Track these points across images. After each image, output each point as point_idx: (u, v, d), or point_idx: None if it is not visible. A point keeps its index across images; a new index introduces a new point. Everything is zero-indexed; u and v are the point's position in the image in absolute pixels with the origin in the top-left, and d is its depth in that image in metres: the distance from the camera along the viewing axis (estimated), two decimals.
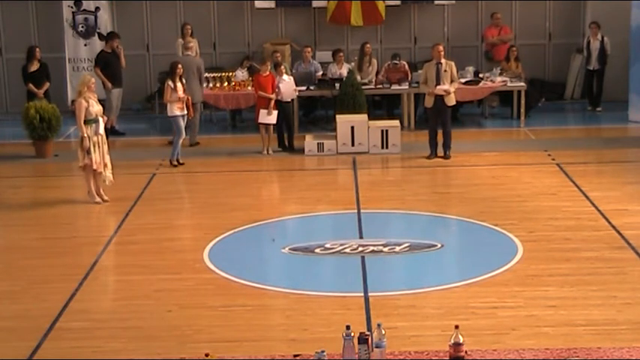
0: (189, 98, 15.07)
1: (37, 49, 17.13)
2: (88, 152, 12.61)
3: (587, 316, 8.56)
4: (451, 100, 15.04)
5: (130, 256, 10.81)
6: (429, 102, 15.10)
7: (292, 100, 16.12)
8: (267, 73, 15.69)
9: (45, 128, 15.64)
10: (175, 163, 14.86)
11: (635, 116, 17.41)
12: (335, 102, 16.72)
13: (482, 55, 19.23)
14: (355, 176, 14.15)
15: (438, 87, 14.96)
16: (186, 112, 14.85)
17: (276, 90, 15.60)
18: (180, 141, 14.83)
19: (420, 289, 9.41)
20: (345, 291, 9.38)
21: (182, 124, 14.79)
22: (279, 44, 18.70)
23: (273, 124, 15.64)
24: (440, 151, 15.04)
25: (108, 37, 17.59)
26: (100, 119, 12.81)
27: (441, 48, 15.16)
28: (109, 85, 16.98)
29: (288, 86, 15.82)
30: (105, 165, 12.83)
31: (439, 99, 14.94)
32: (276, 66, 16.04)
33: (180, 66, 14.95)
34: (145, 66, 19.57)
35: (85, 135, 12.60)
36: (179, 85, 14.79)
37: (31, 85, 16.85)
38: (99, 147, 12.75)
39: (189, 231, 11.64)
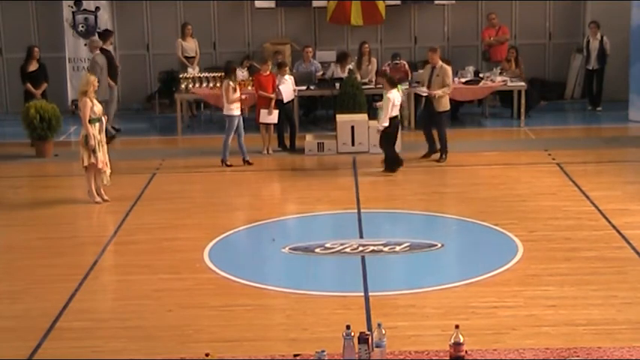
0: (246, 98, 15.25)
1: (36, 49, 17.13)
2: (94, 151, 12.63)
3: (587, 315, 8.56)
4: (441, 106, 14.83)
5: (130, 256, 10.82)
6: (422, 103, 15.25)
7: (292, 99, 16.13)
8: (268, 72, 15.69)
9: (45, 128, 15.64)
10: (228, 163, 14.79)
11: (635, 116, 17.42)
12: (335, 102, 16.72)
13: (482, 55, 19.22)
14: (355, 176, 14.15)
15: (418, 89, 15.20)
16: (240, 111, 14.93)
17: (277, 90, 15.60)
18: (230, 140, 14.84)
19: (420, 288, 9.41)
20: (345, 291, 9.38)
21: (236, 123, 14.83)
22: (279, 44, 18.72)
23: (274, 124, 15.65)
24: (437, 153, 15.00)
25: (105, 36, 17.64)
26: (103, 118, 12.85)
27: (433, 54, 15.08)
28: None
29: (288, 87, 15.82)
30: (106, 164, 12.86)
31: (429, 102, 14.94)
32: (280, 66, 16.06)
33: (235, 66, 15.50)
34: (145, 66, 19.57)
35: (91, 134, 12.63)
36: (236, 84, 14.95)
37: (29, 85, 16.85)
38: (102, 146, 12.79)
39: (189, 231, 11.63)
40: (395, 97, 14.00)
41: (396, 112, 14.09)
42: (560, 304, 8.86)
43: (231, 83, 14.80)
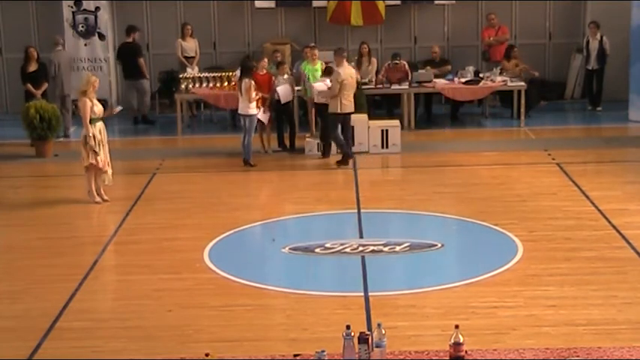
0: (263, 96, 15.30)
1: (32, 50, 17.09)
2: (95, 152, 12.63)
3: (587, 315, 8.56)
4: (329, 107, 14.73)
5: (130, 255, 10.82)
6: None
7: (291, 99, 16.10)
8: (264, 71, 15.65)
9: (45, 128, 15.64)
10: (252, 163, 14.79)
11: (635, 116, 17.42)
12: None
13: (482, 55, 19.22)
14: (355, 176, 14.15)
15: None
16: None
17: (273, 90, 15.56)
18: (252, 139, 14.88)
19: (420, 288, 9.41)
20: (345, 291, 9.38)
21: (255, 123, 14.88)
22: (279, 44, 18.71)
23: (265, 123, 15.55)
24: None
25: (129, 30, 18.24)
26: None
27: (335, 56, 15.00)
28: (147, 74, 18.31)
29: (285, 87, 15.75)
30: (108, 164, 12.87)
31: None
32: (279, 65, 16.04)
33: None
34: (145, 66, 19.54)
35: (91, 134, 12.63)
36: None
37: (29, 86, 16.83)
38: (103, 146, 12.79)
39: (189, 231, 11.63)
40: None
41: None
42: (560, 304, 8.86)
43: (253, 82, 14.75)
